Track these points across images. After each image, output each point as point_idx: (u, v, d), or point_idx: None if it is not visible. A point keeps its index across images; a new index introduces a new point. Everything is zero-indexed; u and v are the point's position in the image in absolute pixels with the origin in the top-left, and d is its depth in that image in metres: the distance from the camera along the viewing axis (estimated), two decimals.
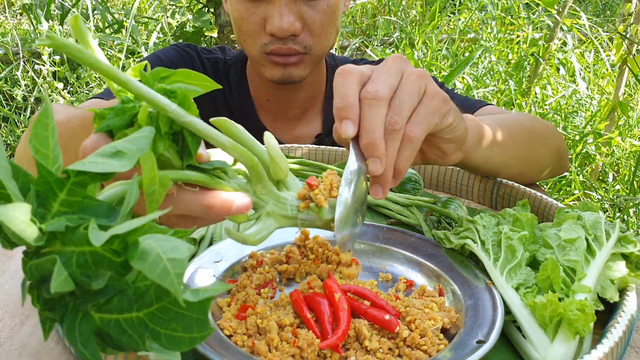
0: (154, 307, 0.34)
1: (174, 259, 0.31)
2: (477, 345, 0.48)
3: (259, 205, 0.51)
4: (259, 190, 0.51)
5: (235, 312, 0.53)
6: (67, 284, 0.32)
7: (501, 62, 3.19)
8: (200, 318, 0.34)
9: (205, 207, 0.47)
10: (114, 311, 0.34)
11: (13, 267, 0.62)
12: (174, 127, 0.45)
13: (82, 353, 0.34)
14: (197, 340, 0.34)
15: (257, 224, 0.50)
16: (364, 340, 0.49)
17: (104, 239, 0.31)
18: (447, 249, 0.63)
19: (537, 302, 0.50)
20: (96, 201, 0.36)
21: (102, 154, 0.37)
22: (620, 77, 2.41)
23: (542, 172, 0.94)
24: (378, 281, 0.61)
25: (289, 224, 0.52)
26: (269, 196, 0.51)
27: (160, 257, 0.31)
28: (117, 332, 0.34)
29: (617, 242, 0.57)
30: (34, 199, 0.34)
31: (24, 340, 0.50)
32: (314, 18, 0.97)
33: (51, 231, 0.33)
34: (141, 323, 0.34)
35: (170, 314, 0.34)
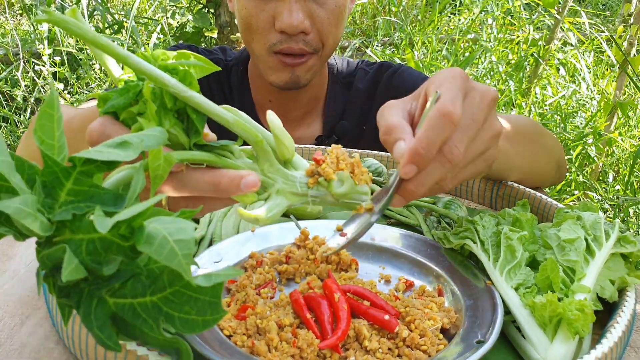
0: (167, 292, 0.34)
1: (181, 240, 0.32)
2: (476, 346, 0.48)
3: (268, 184, 0.51)
4: (266, 168, 0.50)
5: (235, 312, 0.53)
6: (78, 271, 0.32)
7: (501, 63, 3.19)
8: (213, 301, 0.34)
9: (213, 184, 0.47)
10: (128, 296, 0.35)
11: (13, 268, 0.62)
12: (177, 104, 0.45)
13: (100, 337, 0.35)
14: (210, 323, 0.35)
15: (268, 202, 0.50)
16: (364, 340, 0.49)
17: (110, 225, 0.32)
18: (446, 249, 0.63)
19: (537, 302, 0.50)
20: (102, 189, 0.36)
21: (108, 144, 0.37)
22: (620, 77, 2.41)
23: (541, 180, 0.94)
24: (377, 281, 0.61)
25: (300, 201, 0.51)
26: (277, 174, 0.51)
27: (167, 240, 0.32)
28: (132, 316, 0.34)
29: (616, 242, 0.57)
30: (40, 190, 0.35)
31: (24, 340, 0.50)
32: (322, 17, 0.97)
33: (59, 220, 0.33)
34: (155, 307, 0.34)
35: (184, 298, 0.34)
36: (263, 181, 0.50)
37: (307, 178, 0.51)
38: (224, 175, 0.47)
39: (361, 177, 0.53)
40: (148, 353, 0.42)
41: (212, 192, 0.48)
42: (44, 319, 0.53)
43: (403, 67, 1.20)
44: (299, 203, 0.52)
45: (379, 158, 0.93)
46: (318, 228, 0.67)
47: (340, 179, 0.51)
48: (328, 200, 0.52)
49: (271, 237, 0.66)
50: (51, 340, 0.51)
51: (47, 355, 0.49)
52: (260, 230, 0.66)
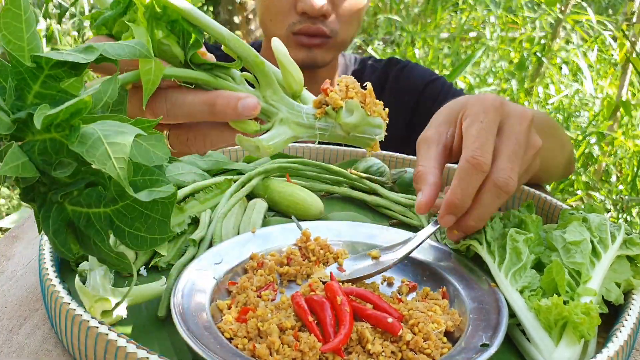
0: (119, 204, 0.34)
1: (116, 143, 0.30)
2: (481, 349, 0.48)
3: (271, 113, 0.47)
4: (268, 95, 0.47)
5: (236, 315, 0.52)
6: (25, 169, 0.32)
7: (504, 61, 3.18)
8: (162, 220, 0.34)
9: (208, 105, 0.45)
10: (84, 205, 0.34)
11: (11, 269, 0.61)
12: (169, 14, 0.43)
13: (54, 241, 0.35)
14: (157, 242, 0.35)
15: (271, 131, 0.47)
16: (367, 343, 0.49)
17: (40, 118, 0.31)
18: (450, 250, 0.62)
19: (542, 305, 0.50)
20: (71, 95, 0.35)
21: (76, 49, 0.36)
22: (624, 76, 2.40)
23: (554, 173, 0.94)
24: (380, 283, 0.61)
25: (306, 133, 0.48)
26: (280, 103, 0.47)
27: (101, 140, 0.31)
28: (86, 225, 0.34)
29: (622, 244, 0.57)
30: (12, 92, 0.34)
31: (22, 342, 0.50)
32: (344, 4, 1.01)
33: (20, 120, 0.33)
34: (107, 219, 0.34)
35: (135, 213, 0.34)
36: (265, 109, 0.47)
37: (314, 110, 0.48)
38: (219, 95, 0.45)
39: (374, 109, 0.49)
40: (148, 356, 0.42)
41: (207, 114, 0.45)
42: (43, 321, 0.53)
43: (411, 64, 1.22)
44: (305, 135, 0.48)
45: (381, 157, 0.92)
46: (319, 229, 0.66)
47: (349, 109, 0.48)
48: (337, 133, 0.48)
49: (272, 238, 0.65)
50: (50, 342, 0.50)
51: (46, 357, 0.48)
52: (260, 231, 0.65)
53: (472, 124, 0.55)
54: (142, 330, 0.52)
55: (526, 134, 0.56)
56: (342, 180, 0.84)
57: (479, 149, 0.53)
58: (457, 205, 0.54)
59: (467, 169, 0.53)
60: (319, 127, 0.48)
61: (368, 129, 0.48)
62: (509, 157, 0.54)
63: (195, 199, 0.70)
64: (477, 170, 0.53)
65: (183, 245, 0.64)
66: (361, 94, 0.49)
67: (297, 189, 0.76)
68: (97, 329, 0.44)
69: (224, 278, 0.58)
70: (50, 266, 0.52)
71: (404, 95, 1.16)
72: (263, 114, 0.48)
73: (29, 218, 0.73)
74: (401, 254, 0.59)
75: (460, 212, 0.55)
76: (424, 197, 0.55)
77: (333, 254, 0.63)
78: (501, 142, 0.55)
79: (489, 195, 0.54)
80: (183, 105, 0.46)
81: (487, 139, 0.54)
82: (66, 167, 0.33)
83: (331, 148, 0.94)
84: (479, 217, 0.55)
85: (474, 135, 0.54)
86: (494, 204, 0.54)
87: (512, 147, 0.54)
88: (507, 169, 0.53)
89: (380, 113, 0.50)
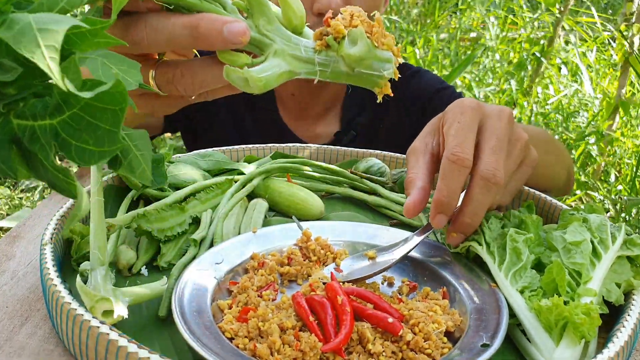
0: (65, 114, 0.30)
1: (48, 30, 0.26)
2: (481, 349, 0.48)
3: (264, 44, 0.42)
4: (262, 25, 0.42)
5: (237, 315, 0.52)
6: None
7: (503, 62, 3.18)
8: (111, 130, 0.30)
9: (190, 28, 0.40)
10: (29, 117, 0.31)
11: (12, 268, 0.61)
12: None
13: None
14: (106, 155, 0.31)
15: (264, 63, 0.42)
16: (367, 343, 0.49)
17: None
18: (450, 251, 0.62)
19: (542, 305, 0.50)
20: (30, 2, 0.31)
21: None
22: (623, 76, 2.40)
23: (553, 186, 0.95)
24: (381, 283, 0.61)
25: (304, 68, 0.43)
26: (275, 33, 0.42)
27: (30, 26, 0.27)
28: (30, 140, 0.31)
29: (622, 244, 0.57)
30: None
31: (23, 342, 0.50)
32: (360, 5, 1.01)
33: None
34: (53, 131, 0.31)
35: (82, 123, 0.30)
36: (258, 39, 0.42)
37: (314, 43, 0.42)
38: (203, 18, 0.40)
39: (382, 40, 0.43)
40: (149, 355, 0.42)
41: (189, 39, 0.41)
42: (44, 320, 0.53)
43: (421, 70, 1.23)
44: (303, 71, 0.43)
45: (381, 158, 0.92)
46: (320, 229, 0.66)
47: (353, 39, 0.42)
48: (340, 69, 0.43)
49: (273, 238, 0.65)
50: (51, 342, 0.50)
51: (47, 357, 0.48)
52: (261, 231, 0.65)
53: (450, 125, 0.57)
54: (143, 330, 0.52)
55: (506, 128, 0.57)
56: (343, 180, 0.84)
57: (458, 145, 0.54)
58: (444, 202, 0.55)
59: (448, 165, 0.54)
60: (318, 61, 0.43)
61: (375, 63, 0.43)
62: (492, 150, 0.55)
63: (196, 199, 0.70)
64: (459, 166, 0.54)
65: (184, 245, 0.65)
66: (368, 23, 0.43)
67: (297, 189, 0.76)
68: (98, 328, 0.44)
69: (225, 278, 0.58)
70: (52, 266, 0.52)
71: (414, 100, 1.17)
72: (255, 46, 0.43)
73: (30, 217, 0.73)
74: (399, 255, 0.59)
75: (450, 210, 0.55)
76: (411, 199, 0.57)
77: (333, 254, 0.63)
78: (482, 139, 0.57)
79: (478, 190, 0.55)
80: (164, 29, 0.41)
81: (465, 136, 0.55)
82: (9, 71, 0.29)
83: (332, 148, 0.94)
84: (472, 213, 0.55)
85: (453, 135, 0.56)
86: (485, 199, 0.55)
87: (494, 141, 0.56)
88: (491, 161, 0.55)
89: (390, 46, 0.44)
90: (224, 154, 0.87)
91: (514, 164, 0.59)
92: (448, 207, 0.55)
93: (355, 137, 1.18)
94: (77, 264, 0.59)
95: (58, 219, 0.61)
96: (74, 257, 0.60)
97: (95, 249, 0.51)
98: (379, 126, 1.19)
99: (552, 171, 0.93)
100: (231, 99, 1.18)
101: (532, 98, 2.98)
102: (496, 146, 0.56)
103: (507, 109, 0.60)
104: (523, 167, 0.61)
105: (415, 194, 0.57)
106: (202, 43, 0.42)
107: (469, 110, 0.57)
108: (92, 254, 0.51)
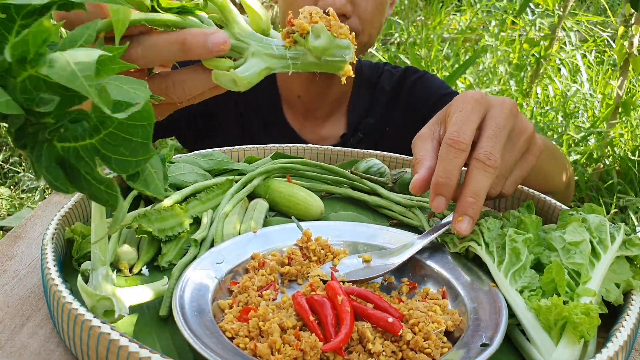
0: (102, 134, 0.37)
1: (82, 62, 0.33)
2: (481, 349, 0.48)
3: (242, 48, 0.50)
4: (237, 32, 0.50)
5: (237, 314, 0.52)
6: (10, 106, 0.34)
7: (503, 63, 3.18)
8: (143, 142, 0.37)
9: (178, 43, 0.47)
10: (71, 139, 0.37)
11: (14, 268, 0.61)
12: None
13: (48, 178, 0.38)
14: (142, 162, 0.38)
15: (245, 64, 0.49)
16: (367, 343, 0.49)
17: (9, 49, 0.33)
18: (450, 251, 0.63)
19: (542, 305, 0.50)
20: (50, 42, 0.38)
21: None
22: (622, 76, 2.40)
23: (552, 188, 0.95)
24: (381, 283, 0.61)
25: (279, 64, 0.50)
26: (249, 38, 0.50)
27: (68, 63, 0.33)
28: (75, 158, 0.37)
29: (621, 245, 0.57)
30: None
31: (25, 341, 0.50)
32: (364, 5, 1.03)
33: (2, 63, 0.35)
34: (94, 149, 0.37)
35: (118, 140, 0.37)
36: (236, 45, 0.50)
37: (283, 41, 0.51)
38: (188, 33, 0.47)
39: (340, 31, 0.51)
40: (150, 355, 0.42)
41: (179, 53, 0.48)
42: (45, 320, 0.53)
43: (427, 75, 1.24)
44: (278, 66, 0.50)
45: (381, 158, 0.92)
46: (320, 229, 0.66)
47: (315, 33, 0.50)
48: (309, 60, 0.51)
49: (273, 238, 0.65)
50: (52, 342, 0.50)
51: (48, 357, 0.48)
52: (262, 232, 0.65)
53: (453, 114, 0.60)
54: (144, 330, 0.52)
55: (507, 118, 0.59)
56: (343, 180, 0.84)
57: (456, 130, 0.57)
58: (442, 183, 0.56)
59: (446, 148, 0.57)
60: (290, 56, 0.50)
61: (337, 51, 0.51)
62: (489, 137, 0.58)
63: (197, 199, 0.71)
64: (455, 149, 0.56)
65: (185, 245, 0.65)
66: (325, 18, 0.51)
67: (297, 189, 0.76)
68: (99, 328, 0.44)
69: (226, 278, 0.58)
70: (53, 266, 0.52)
71: (419, 105, 1.18)
72: (234, 51, 0.50)
73: (31, 218, 0.73)
74: (401, 259, 0.60)
75: (448, 192, 0.56)
76: (419, 176, 0.58)
77: (333, 254, 0.63)
78: (483, 127, 0.60)
79: (476, 172, 0.57)
80: (155, 46, 0.47)
81: (464, 123, 0.58)
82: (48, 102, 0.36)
83: (332, 149, 0.94)
84: (473, 192, 0.56)
85: (453, 122, 0.59)
86: (484, 180, 0.57)
87: (493, 130, 0.58)
88: (487, 146, 0.57)
89: (347, 34, 0.52)
90: (225, 154, 0.87)
91: (518, 152, 0.61)
92: (446, 187, 0.56)
93: (361, 139, 1.18)
94: (78, 264, 0.60)
95: (59, 219, 0.61)
96: (75, 257, 0.60)
97: (96, 249, 0.51)
98: (385, 129, 1.20)
99: (552, 175, 0.93)
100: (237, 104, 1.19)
101: (532, 99, 2.98)
102: (494, 134, 0.58)
103: (511, 100, 0.62)
104: (527, 156, 0.63)
105: (423, 172, 0.58)
106: (191, 55, 0.48)
107: (472, 101, 0.60)
108: (93, 253, 0.51)
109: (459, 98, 0.62)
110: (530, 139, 0.62)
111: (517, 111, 0.61)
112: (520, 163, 0.63)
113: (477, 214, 0.57)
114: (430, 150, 0.60)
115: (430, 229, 0.64)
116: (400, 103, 1.20)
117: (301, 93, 1.17)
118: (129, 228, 0.64)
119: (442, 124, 0.63)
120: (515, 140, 0.61)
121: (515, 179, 0.63)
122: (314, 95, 1.16)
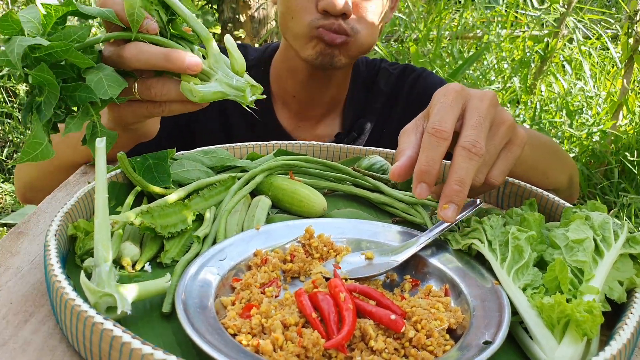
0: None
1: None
2: (483, 346, 0.48)
3: (210, 75, 0.67)
4: (212, 62, 0.67)
5: (240, 311, 0.52)
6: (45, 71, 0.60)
7: (506, 59, 3.17)
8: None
9: (165, 54, 0.65)
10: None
11: (17, 264, 0.61)
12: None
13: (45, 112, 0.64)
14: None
15: (207, 84, 0.66)
16: (370, 340, 0.49)
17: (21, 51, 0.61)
18: (453, 249, 0.62)
19: (545, 303, 0.50)
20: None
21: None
22: (627, 74, 2.39)
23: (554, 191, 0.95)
24: (383, 281, 0.61)
25: (233, 92, 0.67)
26: (219, 69, 0.67)
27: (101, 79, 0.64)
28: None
29: (625, 242, 0.57)
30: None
31: (28, 337, 0.50)
32: (365, 5, 1.03)
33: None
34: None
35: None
36: (206, 71, 0.67)
37: (243, 79, 0.68)
38: (174, 50, 0.65)
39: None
40: (153, 352, 0.42)
41: (163, 61, 0.65)
42: (48, 317, 0.53)
43: (426, 72, 1.23)
44: (232, 93, 0.67)
45: (384, 155, 0.92)
46: (323, 226, 0.66)
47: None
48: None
49: (275, 235, 0.65)
50: (55, 338, 0.50)
51: (51, 353, 0.49)
52: (264, 228, 0.65)
53: (434, 106, 0.61)
54: (147, 326, 0.52)
55: (487, 109, 0.60)
56: (346, 177, 0.84)
57: (438, 120, 0.58)
58: (424, 170, 0.57)
59: (427, 138, 0.58)
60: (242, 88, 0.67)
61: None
62: (472, 126, 0.59)
63: (200, 196, 0.71)
64: (437, 137, 0.57)
65: (187, 242, 0.65)
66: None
67: (300, 186, 0.76)
68: (102, 325, 0.44)
69: (228, 274, 0.58)
70: (56, 262, 0.52)
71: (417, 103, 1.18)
72: (205, 74, 0.67)
73: (34, 214, 0.73)
74: (404, 257, 0.60)
75: (431, 179, 0.57)
76: (398, 164, 0.59)
77: (336, 251, 0.63)
78: (465, 117, 0.61)
79: (461, 159, 0.57)
80: (147, 52, 0.65)
81: (445, 113, 0.59)
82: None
83: (334, 146, 0.94)
84: (458, 180, 0.57)
85: (435, 112, 0.60)
86: (469, 168, 0.57)
87: (475, 119, 0.59)
88: (471, 134, 0.58)
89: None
90: (228, 151, 0.87)
91: (500, 142, 0.62)
92: (428, 175, 0.57)
93: (356, 139, 1.18)
94: (81, 261, 0.60)
95: (62, 216, 0.61)
96: (78, 253, 0.60)
97: (99, 246, 0.51)
98: (382, 128, 1.19)
99: (553, 167, 0.92)
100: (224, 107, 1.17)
101: (536, 96, 2.97)
102: (477, 122, 0.59)
103: (491, 92, 0.63)
104: (511, 146, 0.63)
105: (404, 160, 0.59)
106: (171, 66, 0.65)
107: (452, 92, 0.61)
108: (96, 250, 0.51)
109: (440, 91, 0.63)
110: (511, 128, 0.63)
111: (497, 102, 0.62)
112: (505, 153, 0.63)
113: (462, 201, 0.57)
114: (414, 142, 0.61)
115: (432, 227, 0.64)
116: (399, 104, 1.20)
117: (296, 93, 1.16)
118: (132, 225, 0.64)
119: (426, 118, 0.64)
120: (496, 129, 0.62)
121: (502, 169, 0.63)
122: (309, 94, 1.15)
